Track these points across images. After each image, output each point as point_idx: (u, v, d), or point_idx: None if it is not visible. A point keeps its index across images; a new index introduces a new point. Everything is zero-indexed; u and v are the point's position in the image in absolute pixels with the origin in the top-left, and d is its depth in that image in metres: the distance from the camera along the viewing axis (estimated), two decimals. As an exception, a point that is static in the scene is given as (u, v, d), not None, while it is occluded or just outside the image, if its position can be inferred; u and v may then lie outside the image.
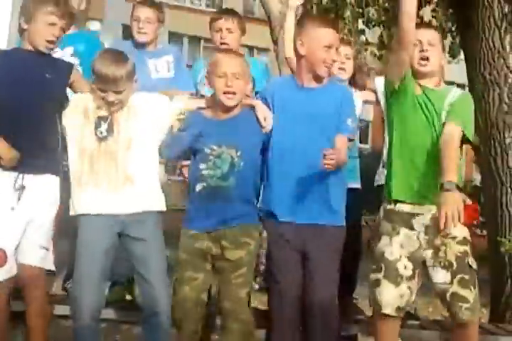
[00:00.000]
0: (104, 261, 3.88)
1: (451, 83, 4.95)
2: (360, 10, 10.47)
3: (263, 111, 4.11)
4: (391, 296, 3.92)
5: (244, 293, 3.98)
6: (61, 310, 4.47)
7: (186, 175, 4.32)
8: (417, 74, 4.14)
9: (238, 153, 3.91)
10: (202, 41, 34.22)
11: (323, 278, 4.03)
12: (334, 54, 4.12)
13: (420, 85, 4.09)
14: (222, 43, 4.90)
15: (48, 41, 3.91)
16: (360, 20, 10.68)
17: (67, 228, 4.24)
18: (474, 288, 3.97)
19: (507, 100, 7.21)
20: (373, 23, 10.47)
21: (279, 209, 4.07)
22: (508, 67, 7.30)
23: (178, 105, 4.12)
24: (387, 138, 4.48)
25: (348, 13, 9.87)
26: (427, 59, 4.07)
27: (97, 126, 3.91)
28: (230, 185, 3.90)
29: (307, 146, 4.03)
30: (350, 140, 4.25)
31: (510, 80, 7.29)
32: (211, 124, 4.00)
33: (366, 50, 10.85)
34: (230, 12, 5.33)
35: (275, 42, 7.47)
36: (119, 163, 3.89)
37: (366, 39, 10.92)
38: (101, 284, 3.90)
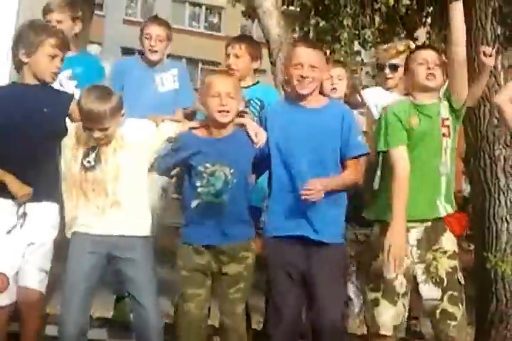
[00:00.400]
0: (89, 280, 3.92)
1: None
2: (357, 31, 10.65)
3: (254, 128, 4.19)
4: (390, 317, 3.95)
5: (240, 309, 4.03)
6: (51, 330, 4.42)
7: None
8: (421, 88, 4.29)
9: (231, 171, 3.94)
10: (200, 63, 34.54)
11: (330, 299, 3.98)
12: (306, 71, 4.12)
13: None
14: (229, 69, 4.97)
15: (52, 72, 3.99)
16: (356, 42, 10.89)
17: (60, 251, 4.24)
18: (462, 304, 4.03)
19: (497, 115, 7.39)
20: (369, 44, 10.62)
21: (282, 226, 4.10)
22: (499, 85, 7.47)
23: (165, 132, 4.17)
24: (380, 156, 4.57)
25: (345, 35, 10.01)
26: (434, 75, 4.21)
27: (85, 155, 3.98)
28: (223, 201, 3.94)
29: (309, 169, 4.10)
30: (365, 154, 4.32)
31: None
32: (205, 143, 4.05)
33: (361, 69, 11.04)
34: (241, 38, 5.46)
35: (273, 63, 7.60)
36: (108, 191, 3.96)
37: (362, 60, 11.09)
38: (85, 302, 3.91)
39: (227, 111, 4.02)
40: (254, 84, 5.06)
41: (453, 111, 4.26)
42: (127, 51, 27.70)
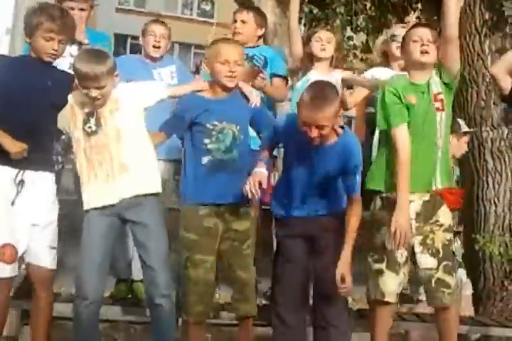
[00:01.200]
0: (105, 245, 3.99)
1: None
2: (349, 18, 10.69)
3: (249, 90, 4.38)
4: (394, 285, 4.15)
5: (252, 262, 4.20)
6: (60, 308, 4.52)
7: None
8: (416, 65, 4.37)
9: (238, 128, 4.14)
10: (193, 47, 34.60)
11: (331, 259, 4.11)
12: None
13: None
14: (235, 33, 5.28)
15: (47, 53, 4.08)
16: (348, 28, 10.95)
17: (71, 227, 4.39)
18: (455, 273, 4.27)
19: (484, 97, 7.48)
20: (360, 29, 10.69)
21: (289, 207, 4.22)
22: (486, 68, 7.55)
23: (158, 92, 4.26)
24: (377, 131, 4.67)
25: (337, 22, 10.05)
26: (427, 52, 4.29)
27: (86, 122, 4.05)
28: (233, 157, 4.13)
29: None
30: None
31: (487, 79, 7.54)
32: (211, 103, 4.19)
33: (354, 54, 11.14)
34: (250, 6, 5.79)
35: None
36: (113, 154, 4.01)
37: (354, 44, 11.18)
38: (102, 266, 3.99)
39: (234, 77, 4.18)
40: (258, 46, 5.37)
41: (445, 85, 4.36)
42: (119, 37, 27.69)
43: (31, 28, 4.03)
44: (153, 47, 5.28)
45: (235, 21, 5.30)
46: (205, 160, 4.10)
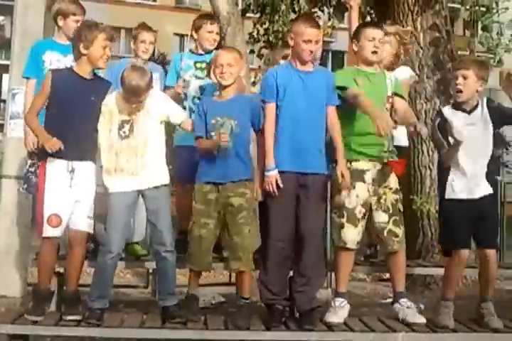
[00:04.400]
0: (126, 214, 4.79)
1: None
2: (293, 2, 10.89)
3: None
4: (353, 235, 4.73)
5: (246, 230, 4.73)
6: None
7: None
8: (367, 62, 4.88)
9: (235, 122, 4.75)
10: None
11: (313, 216, 4.70)
12: (312, 46, 4.74)
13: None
14: (211, 43, 5.66)
15: (105, 60, 4.76)
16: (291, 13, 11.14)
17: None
18: (402, 225, 4.87)
19: (418, 71, 7.78)
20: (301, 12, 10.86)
21: (283, 161, 4.71)
22: (419, 44, 7.90)
23: (180, 118, 4.95)
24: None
25: (283, 7, 10.25)
26: (376, 52, 4.85)
27: (120, 127, 4.76)
28: (230, 145, 4.70)
29: (306, 115, 4.73)
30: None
31: (420, 55, 7.88)
32: (216, 104, 4.87)
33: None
34: (213, 17, 6.32)
35: (223, 38, 7.96)
36: (138, 155, 4.76)
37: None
38: (125, 230, 4.80)
39: (227, 76, 4.79)
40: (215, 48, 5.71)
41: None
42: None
43: (90, 39, 4.68)
44: (143, 52, 5.72)
45: (211, 32, 5.65)
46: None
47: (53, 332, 4.62)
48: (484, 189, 4.75)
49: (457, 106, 4.81)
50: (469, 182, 4.72)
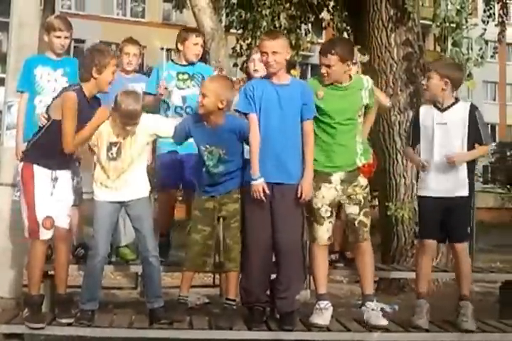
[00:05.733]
0: (110, 220, 4.90)
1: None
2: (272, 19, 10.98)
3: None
4: (321, 232, 4.87)
5: (238, 234, 4.86)
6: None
7: None
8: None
9: (223, 151, 4.82)
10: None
11: (289, 223, 4.78)
12: (269, 57, 4.71)
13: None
14: (196, 54, 5.70)
15: (110, 84, 4.81)
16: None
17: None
18: (370, 216, 4.98)
19: (392, 85, 7.93)
20: (285, 30, 10.93)
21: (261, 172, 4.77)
22: (392, 59, 8.06)
23: (169, 132, 4.96)
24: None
25: (264, 24, 10.33)
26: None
27: (109, 149, 4.85)
28: (220, 171, 4.85)
29: (281, 126, 4.77)
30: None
31: (394, 69, 8.02)
32: (205, 131, 4.88)
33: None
34: (199, 31, 6.42)
35: (207, 52, 8.08)
36: (122, 174, 4.87)
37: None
38: (109, 234, 4.91)
39: (202, 106, 4.79)
40: (198, 61, 5.81)
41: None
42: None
43: (103, 64, 4.71)
44: (127, 63, 5.80)
45: (196, 44, 5.71)
46: (203, 168, 4.90)
47: (46, 332, 4.66)
48: (458, 189, 4.84)
49: (433, 104, 4.93)
50: (441, 178, 4.83)
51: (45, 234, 4.72)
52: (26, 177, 4.74)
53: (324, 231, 4.84)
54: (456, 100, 4.91)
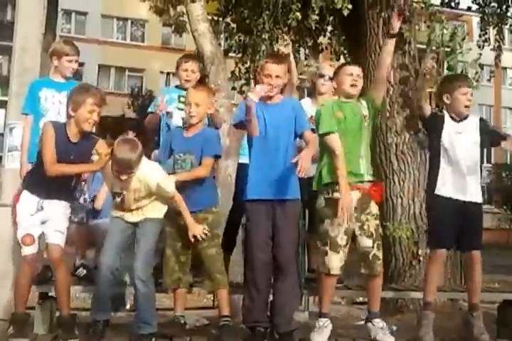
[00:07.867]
0: (122, 237, 4.88)
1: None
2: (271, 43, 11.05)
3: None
4: (336, 262, 4.82)
5: (213, 251, 4.92)
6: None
7: None
8: (345, 94, 5.05)
9: (194, 157, 4.90)
10: (127, 71, 34.64)
11: (287, 238, 4.83)
12: (272, 80, 4.85)
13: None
14: (186, 80, 5.75)
15: (90, 123, 4.78)
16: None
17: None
18: (381, 248, 5.00)
19: (389, 108, 7.96)
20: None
21: (256, 190, 4.85)
22: (389, 82, 8.03)
23: (171, 193, 4.88)
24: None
25: (263, 47, 10.39)
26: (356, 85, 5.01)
27: (114, 197, 4.92)
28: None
29: (272, 145, 4.87)
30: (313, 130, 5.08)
31: (391, 92, 8.04)
32: (181, 140, 5.01)
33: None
34: (194, 57, 6.40)
35: (207, 74, 8.12)
36: (134, 210, 4.92)
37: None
38: (117, 249, 4.85)
39: (194, 116, 4.94)
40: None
41: (370, 111, 5.10)
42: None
43: (77, 103, 4.73)
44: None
45: (186, 70, 5.75)
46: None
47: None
48: (475, 195, 5.12)
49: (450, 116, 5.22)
50: (458, 183, 5.06)
51: (26, 250, 4.76)
52: (15, 200, 4.90)
53: (339, 261, 4.82)
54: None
